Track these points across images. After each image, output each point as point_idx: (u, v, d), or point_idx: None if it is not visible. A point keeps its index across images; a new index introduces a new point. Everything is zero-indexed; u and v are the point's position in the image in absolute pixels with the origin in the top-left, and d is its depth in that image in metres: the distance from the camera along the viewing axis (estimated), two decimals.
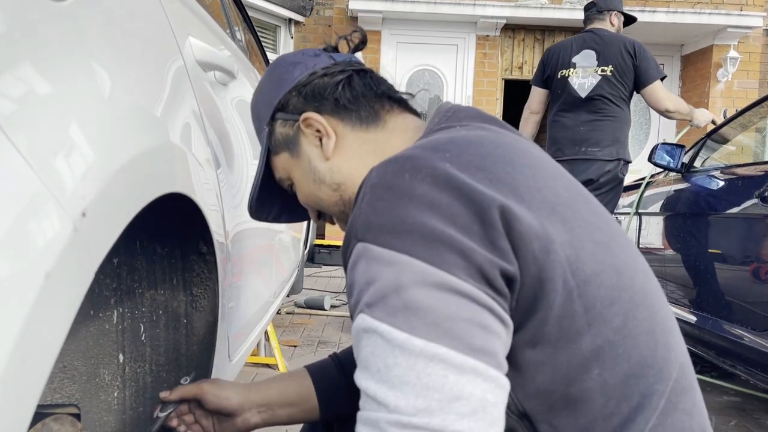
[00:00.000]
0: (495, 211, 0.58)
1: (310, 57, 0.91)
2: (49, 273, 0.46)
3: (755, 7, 6.74)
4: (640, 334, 0.64)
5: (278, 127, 0.89)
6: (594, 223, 0.66)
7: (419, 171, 0.61)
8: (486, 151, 0.66)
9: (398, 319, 0.55)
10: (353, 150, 0.85)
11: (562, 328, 0.60)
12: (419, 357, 0.54)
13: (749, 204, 2.12)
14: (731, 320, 2.19)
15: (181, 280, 1.04)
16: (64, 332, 0.48)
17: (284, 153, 0.89)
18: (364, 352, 0.58)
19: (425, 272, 0.56)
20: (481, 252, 0.57)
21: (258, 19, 6.59)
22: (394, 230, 0.58)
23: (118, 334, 1.05)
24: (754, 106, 2.65)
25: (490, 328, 0.56)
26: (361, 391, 0.58)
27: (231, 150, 1.17)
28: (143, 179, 0.65)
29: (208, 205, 0.93)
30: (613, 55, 3.00)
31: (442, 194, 0.59)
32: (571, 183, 0.70)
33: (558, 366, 0.61)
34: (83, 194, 0.51)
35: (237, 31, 1.90)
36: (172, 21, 0.92)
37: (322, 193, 0.86)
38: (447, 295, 0.55)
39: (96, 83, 0.60)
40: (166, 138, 0.75)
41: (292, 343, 3.13)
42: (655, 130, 7.11)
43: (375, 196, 0.61)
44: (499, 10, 6.42)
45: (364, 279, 0.59)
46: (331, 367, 1.02)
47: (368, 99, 0.86)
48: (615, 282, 0.63)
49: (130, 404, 1.08)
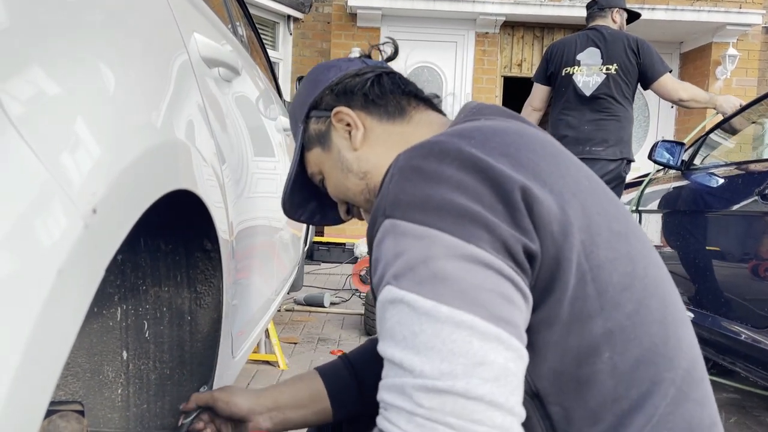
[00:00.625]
0: (517, 193, 0.60)
1: (345, 62, 0.97)
2: (61, 270, 0.46)
3: (754, 5, 6.74)
4: (652, 322, 0.65)
5: (312, 124, 0.94)
6: (612, 213, 0.68)
7: (446, 155, 0.63)
8: (510, 139, 0.68)
9: (425, 288, 0.57)
10: (380, 141, 0.89)
11: (575, 310, 0.62)
12: (445, 323, 0.56)
13: (749, 201, 2.12)
14: (730, 317, 2.19)
15: (185, 277, 1.04)
16: (76, 329, 0.48)
17: (316, 148, 0.94)
18: (389, 323, 0.59)
19: (453, 245, 0.58)
20: (505, 228, 0.59)
21: (257, 15, 6.57)
22: (422, 206, 0.60)
23: (122, 331, 1.05)
24: (753, 104, 2.65)
25: (513, 300, 0.58)
26: (384, 360, 0.60)
27: (235, 147, 1.17)
28: (152, 176, 0.65)
29: (214, 202, 0.93)
30: (618, 53, 2.99)
31: (468, 176, 0.61)
32: (591, 175, 0.72)
33: (570, 347, 0.62)
34: (93, 191, 0.51)
35: (239, 26, 1.89)
36: (177, 17, 0.91)
37: (349, 182, 0.90)
38: (473, 266, 0.57)
39: (103, 80, 0.60)
40: (173, 135, 0.75)
41: (292, 340, 3.13)
42: (654, 128, 7.11)
43: (403, 177, 0.63)
44: (499, 7, 6.42)
45: (392, 253, 0.60)
46: (341, 369, 1.03)
47: (396, 96, 0.91)
48: (629, 270, 0.65)
49: (134, 401, 1.08)
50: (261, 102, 1.72)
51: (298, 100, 0.98)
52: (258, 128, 1.53)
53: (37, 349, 0.43)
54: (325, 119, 0.92)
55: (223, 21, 1.49)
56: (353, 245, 5.97)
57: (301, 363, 2.78)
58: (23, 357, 0.41)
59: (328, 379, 1.01)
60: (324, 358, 2.86)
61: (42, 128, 0.47)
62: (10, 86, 0.45)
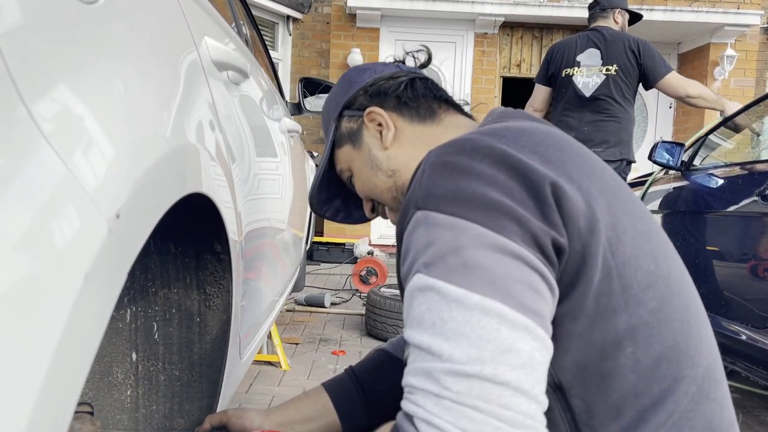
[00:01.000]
0: (547, 188, 0.62)
1: (380, 65, 1.00)
2: (88, 274, 0.46)
3: (752, 5, 6.76)
4: (675, 320, 0.66)
5: (344, 123, 0.97)
6: (636, 213, 0.70)
7: (478, 151, 0.65)
8: (539, 138, 0.70)
9: (456, 276, 0.58)
10: (409, 141, 0.92)
11: (600, 304, 0.63)
12: (474, 310, 0.57)
13: (749, 202, 2.13)
14: (731, 317, 2.20)
15: (194, 279, 1.04)
16: (102, 331, 0.49)
17: (347, 145, 0.97)
18: (418, 310, 0.60)
19: (484, 235, 0.60)
20: (535, 221, 0.61)
21: (256, 16, 6.57)
22: (454, 199, 0.62)
23: (132, 333, 1.06)
24: (752, 105, 2.67)
25: (541, 292, 0.60)
26: (411, 346, 0.61)
27: (244, 150, 1.18)
28: (169, 180, 0.66)
29: (224, 203, 0.93)
30: (618, 54, 2.98)
31: (499, 172, 0.63)
32: (615, 176, 0.74)
33: (593, 340, 0.63)
34: (116, 196, 0.52)
35: (242, 26, 1.90)
36: (189, 20, 0.92)
37: (377, 179, 0.93)
38: (503, 257, 0.59)
39: (122, 85, 0.61)
40: (187, 138, 0.76)
41: (293, 341, 3.13)
42: (653, 128, 7.13)
43: (435, 172, 0.65)
44: (498, 7, 6.43)
45: (423, 242, 0.62)
46: (347, 383, 1.05)
47: (427, 99, 0.94)
48: (652, 268, 0.67)
49: (143, 402, 1.08)
50: (265, 103, 1.72)
51: (331, 98, 1.01)
52: (263, 129, 1.54)
53: (65, 353, 0.44)
54: (357, 118, 0.95)
55: (227, 21, 1.50)
56: (353, 245, 5.97)
57: (303, 363, 2.78)
58: (52, 360, 0.42)
59: (334, 394, 1.03)
60: (325, 358, 2.87)
61: (67, 135, 0.48)
62: (38, 96, 0.46)
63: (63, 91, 0.49)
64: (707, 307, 2.40)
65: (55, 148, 0.45)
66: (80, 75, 0.52)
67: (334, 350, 2.99)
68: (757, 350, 2.02)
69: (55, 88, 0.48)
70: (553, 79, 3.18)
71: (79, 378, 0.46)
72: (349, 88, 0.98)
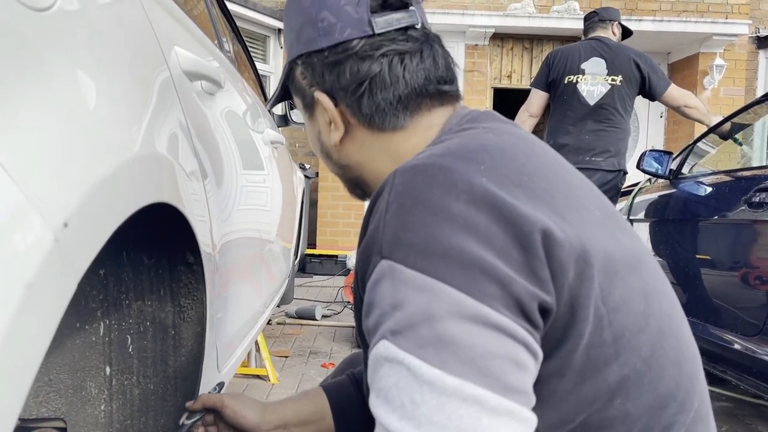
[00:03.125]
0: (537, 236, 0.54)
1: (345, 13, 0.74)
2: (30, 284, 0.45)
3: (740, 15, 6.82)
4: (667, 364, 0.62)
5: (297, 74, 0.80)
6: (624, 244, 0.63)
7: (454, 186, 0.55)
8: (521, 164, 0.61)
9: (428, 352, 0.51)
10: (364, 145, 0.78)
11: (590, 358, 0.57)
12: (451, 396, 0.50)
13: (737, 210, 2.13)
14: (721, 326, 2.20)
15: (168, 291, 1.03)
16: (46, 344, 0.48)
17: (298, 99, 0.83)
18: (384, 383, 0.53)
19: (461, 303, 0.51)
20: (520, 282, 0.53)
21: (247, 29, 6.59)
22: (426, 251, 0.53)
23: (105, 346, 1.04)
24: (739, 113, 2.68)
25: (524, 365, 0.53)
26: (378, 422, 0.54)
27: (219, 160, 1.17)
28: (127, 189, 0.65)
29: (195, 215, 0.92)
30: (622, 65, 3.02)
31: (479, 214, 0.54)
32: (600, 199, 0.67)
33: (583, 396, 0.58)
34: (65, 204, 0.51)
35: (225, 42, 1.90)
36: (157, 31, 0.91)
37: (326, 162, 0.85)
38: (483, 330, 0.51)
39: (79, 93, 0.60)
40: (152, 148, 0.75)
41: (283, 354, 3.11)
42: (644, 137, 7.16)
43: (402, 209, 0.56)
44: (488, 19, 6.47)
45: (390, 302, 0.54)
46: (347, 386, 1.01)
47: (392, 107, 0.75)
48: (643, 309, 0.61)
49: (118, 417, 1.06)
50: (248, 115, 1.72)
51: (290, 24, 0.80)
52: (244, 141, 1.53)
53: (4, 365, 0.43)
54: (309, 85, 0.79)
55: (209, 36, 1.50)
56: (345, 257, 5.95)
57: (292, 377, 2.76)
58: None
59: (332, 396, 1.00)
60: (315, 371, 2.84)
61: (11, 141, 0.47)
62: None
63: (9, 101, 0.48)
64: (696, 315, 2.39)
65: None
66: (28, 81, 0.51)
67: (323, 363, 2.97)
68: (747, 358, 2.01)
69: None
70: (554, 85, 3.16)
71: (20, 392, 0.45)
72: (303, 33, 0.77)
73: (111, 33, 0.73)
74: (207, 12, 1.73)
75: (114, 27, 0.75)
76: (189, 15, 1.25)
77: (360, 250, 0.60)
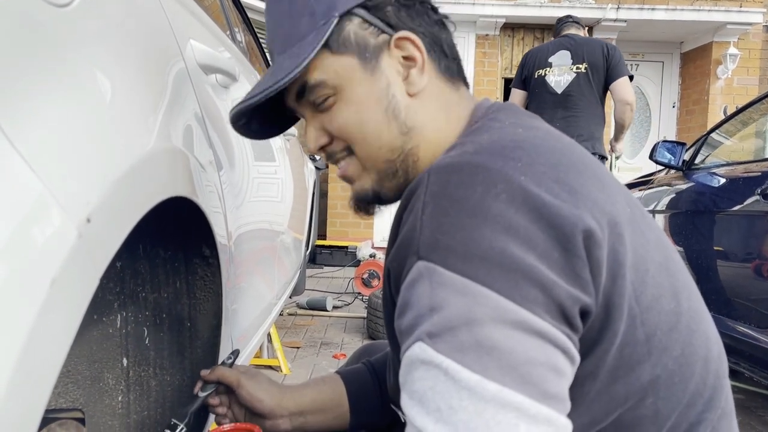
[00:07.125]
0: (579, 237, 0.52)
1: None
2: (54, 279, 0.46)
3: (755, 3, 6.73)
4: (696, 362, 0.62)
5: (355, 26, 0.69)
6: (653, 242, 0.62)
7: (493, 185, 0.53)
8: (556, 159, 0.59)
9: (468, 357, 0.49)
10: (433, 97, 0.71)
11: (623, 357, 0.57)
12: (490, 403, 0.48)
13: (751, 201, 2.12)
14: (734, 318, 2.19)
15: (184, 284, 1.04)
16: (71, 338, 0.48)
17: (350, 57, 0.69)
18: (419, 385, 0.52)
19: (502, 307, 0.50)
20: (563, 286, 0.52)
21: (257, 20, 6.58)
22: (466, 254, 0.51)
23: (122, 338, 1.05)
24: (754, 103, 2.65)
25: (563, 371, 0.52)
26: (411, 424, 0.52)
27: (233, 152, 1.17)
28: (147, 183, 0.65)
29: (211, 208, 0.93)
30: (588, 53, 3.22)
31: (519, 215, 0.52)
32: (627, 195, 0.65)
33: (615, 395, 0.58)
34: (87, 200, 0.51)
35: (237, 32, 1.90)
36: (173, 24, 0.91)
37: (385, 129, 0.70)
38: (524, 336, 0.50)
39: (98, 88, 0.60)
40: (169, 141, 0.75)
41: (294, 345, 3.12)
42: (656, 128, 7.10)
43: (439, 209, 0.54)
44: (499, 9, 6.42)
45: (427, 303, 0.52)
46: (364, 373, 1.00)
47: (455, 53, 0.74)
48: (673, 307, 0.60)
49: (135, 408, 1.08)
50: None
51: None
52: None
53: (31, 359, 0.43)
54: (379, 32, 0.69)
55: (221, 27, 1.49)
56: (356, 248, 5.97)
57: (304, 367, 2.78)
58: (17, 366, 0.41)
59: (349, 383, 0.99)
60: (327, 362, 2.86)
61: (34, 136, 0.47)
62: (4, 102, 0.45)
63: (29, 92, 0.48)
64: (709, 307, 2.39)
65: (21, 152, 0.44)
66: (49, 76, 0.52)
67: (335, 353, 2.98)
68: (760, 350, 2.01)
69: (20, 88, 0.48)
70: (527, 81, 3.40)
71: (47, 384, 0.45)
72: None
73: (129, 27, 0.73)
74: (219, 2, 1.73)
75: (131, 21, 0.75)
76: (202, 6, 1.25)
77: (394, 249, 0.58)
